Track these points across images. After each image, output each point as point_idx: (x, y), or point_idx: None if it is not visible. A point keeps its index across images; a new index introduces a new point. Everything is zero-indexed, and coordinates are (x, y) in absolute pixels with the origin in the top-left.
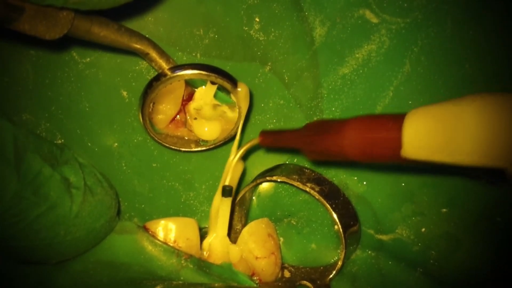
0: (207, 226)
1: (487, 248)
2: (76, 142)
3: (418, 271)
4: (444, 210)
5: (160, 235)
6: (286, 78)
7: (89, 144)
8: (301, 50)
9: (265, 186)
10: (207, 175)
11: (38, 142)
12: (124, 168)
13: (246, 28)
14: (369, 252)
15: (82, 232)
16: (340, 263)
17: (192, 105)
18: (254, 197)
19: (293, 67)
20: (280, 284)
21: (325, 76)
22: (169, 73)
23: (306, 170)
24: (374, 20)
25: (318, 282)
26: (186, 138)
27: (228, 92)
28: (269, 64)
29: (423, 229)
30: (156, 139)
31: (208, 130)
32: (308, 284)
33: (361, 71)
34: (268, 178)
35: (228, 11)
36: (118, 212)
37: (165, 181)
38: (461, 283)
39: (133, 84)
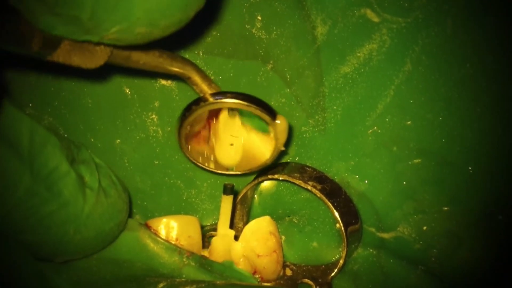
0: (208, 224)
1: (489, 246)
2: (79, 137)
3: (419, 269)
4: (446, 208)
5: (162, 233)
6: (288, 76)
7: (92, 140)
8: (302, 48)
9: (266, 184)
10: (209, 172)
11: (58, 137)
12: (127, 164)
13: (248, 26)
14: (371, 250)
15: (91, 232)
16: (341, 261)
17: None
18: (255, 195)
19: (294, 66)
20: (281, 282)
21: (327, 74)
22: (210, 98)
23: (308, 169)
24: (375, 19)
25: (320, 280)
26: (206, 154)
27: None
28: (270, 62)
29: (425, 227)
30: (192, 159)
31: (229, 155)
32: (310, 282)
33: (362, 70)
34: (270, 177)
35: (230, 9)
36: (129, 215)
37: (167, 179)
38: (462, 281)
39: (136, 81)
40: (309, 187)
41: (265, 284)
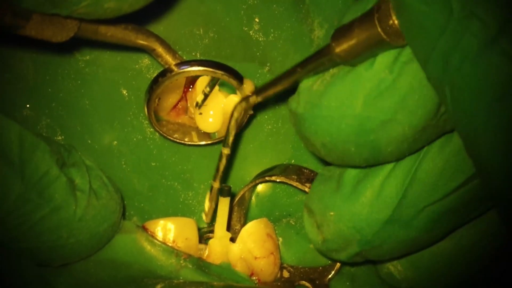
0: (206, 226)
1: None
2: (76, 139)
3: None
4: None
5: (159, 235)
6: None
7: (89, 142)
8: (300, 51)
9: (264, 186)
10: (206, 174)
11: (47, 142)
12: (124, 166)
13: (246, 29)
14: None
15: (85, 235)
16: (339, 263)
17: (197, 98)
18: (253, 197)
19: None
20: (279, 284)
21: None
22: (175, 69)
23: (305, 170)
24: None
25: (317, 282)
26: (187, 124)
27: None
28: (268, 64)
29: None
30: (161, 132)
31: (210, 122)
32: (307, 284)
33: None
34: (267, 178)
35: (228, 11)
36: (123, 216)
37: (164, 180)
38: None
39: (133, 82)
40: (306, 189)
41: (263, 286)
